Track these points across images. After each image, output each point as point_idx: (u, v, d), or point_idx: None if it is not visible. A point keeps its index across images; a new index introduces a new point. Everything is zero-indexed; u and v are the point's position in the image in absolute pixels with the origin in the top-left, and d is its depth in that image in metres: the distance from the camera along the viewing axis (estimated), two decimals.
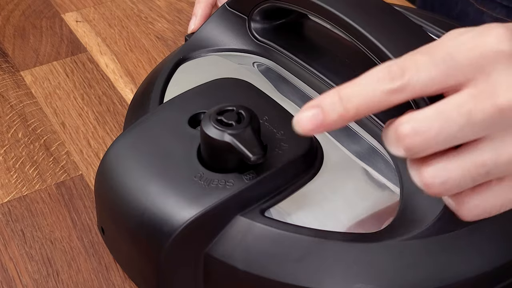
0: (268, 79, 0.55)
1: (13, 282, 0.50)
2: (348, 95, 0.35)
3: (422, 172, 0.36)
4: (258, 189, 0.43)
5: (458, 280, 0.42)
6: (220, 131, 0.42)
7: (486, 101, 0.34)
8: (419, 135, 0.34)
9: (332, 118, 0.35)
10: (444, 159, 0.35)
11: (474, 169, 0.35)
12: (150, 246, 0.44)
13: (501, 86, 0.34)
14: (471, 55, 0.34)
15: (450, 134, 0.34)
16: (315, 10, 0.52)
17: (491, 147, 0.35)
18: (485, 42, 0.34)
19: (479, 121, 0.34)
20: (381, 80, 0.34)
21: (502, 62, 0.34)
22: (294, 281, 0.41)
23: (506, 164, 0.35)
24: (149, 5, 0.76)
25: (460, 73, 0.34)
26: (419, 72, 0.34)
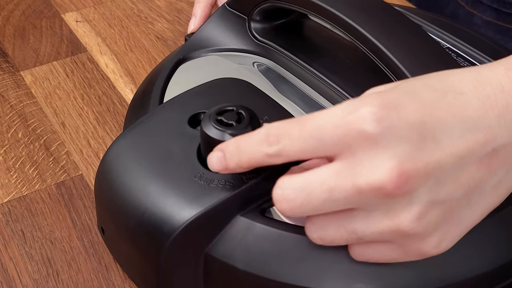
0: (268, 79, 0.55)
1: (13, 282, 0.50)
2: (241, 149, 0.39)
3: (306, 226, 0.39)
4: (258, 189, 0.43)
5: (458, 280, 0.42)
6: (220, 131, 0.42)
7: (346, 180, 0.35)
8: (287, 203, 0.37)
9: (232, 166, 0.39)
10: (323, 220, 0.38)
11: (346, 234, 0.37)
12: (150, 246, 0.44)
13: (362, 167, 0.35)
14: (337, 133, 0.35)
15: (314, 206, 0.36)
16: (315, 10, 0.52)
17: (361, 217, 0.37)
18: (352, 121, 0.35)
19: (340, 198, 0.35)
20: (261, 144, 0.37)
21: (366, 142, 0.35)
22: (294, 281, 0.41)
23: (375, 234, 0.37)
24: (149, 5, 0.76)
25: (326, 149, 0.36)
26: (291, 143, 0.36)
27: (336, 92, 0.53)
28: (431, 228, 0.36)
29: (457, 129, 0.36)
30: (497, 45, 0.59)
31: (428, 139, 0.35)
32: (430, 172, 0.35)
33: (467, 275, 0.42)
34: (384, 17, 0.50)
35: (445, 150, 0.35)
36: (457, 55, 0.56)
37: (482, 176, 0.36)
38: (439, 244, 0.37)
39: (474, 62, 0.56)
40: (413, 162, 0.34)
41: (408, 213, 0.35)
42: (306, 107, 0.52)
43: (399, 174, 0.34)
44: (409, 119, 0.35)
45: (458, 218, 0.37)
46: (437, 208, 0.36)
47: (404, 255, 0.38)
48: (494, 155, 0.36)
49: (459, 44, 0.57)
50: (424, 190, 0.35)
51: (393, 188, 0.34)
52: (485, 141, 0.36)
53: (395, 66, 0.46)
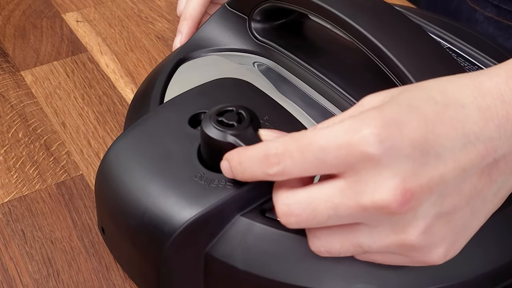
0: (268, 79, 0.55)
1: (14, 282, 0.50)
2: (243, 167, 0.39)
3: (310, 240, 0.39)
4: (258, 189, 0.43)
5: (458, 280, 0.42)
6: (222, 132, 0.42)
7: (351, 199, 0.35)
8: (293, 217, 0.37)
9: (238, 178, 0.40)
10: (327, 233, 0.38)
11: (352, 247, 0.38)
12: (151, 246, 0.44)
13: (366, 186, 0.35)
14: (340, 154, 0.35)
15: (319, 221, 0.37)
16: (315, 10, 0.52)
17: (366, 232, 0.37)
18: (355, 141, 0.35)
19: (345, 215, 0.36)
20: (261, 164, 0.38)
21: (369, 163, 0.35)
22: (294, 281, 0.41)
23: (381, 248, 0.37)
24: (149, 5, 0.76)
25: (329, 169, 0.36)
26: (292, 164, 0.36)
27: (336, 92, 0.53)
28: (438, 240, 0.37)
29: (459, 143, 0.36)
30: (498, 45, 0.59)
31: (431, 155, 0.35)
32: (434, 187, 0.35)
33: (468, 275, 0.42)
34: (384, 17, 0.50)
35: (447, 165, 0.35)
36: (458, 55, 0.56)
37: (484, 185, 0.37)
38: (446, 254, 0.38)
39: (475, 62, 0.56)
40: (416, 179, 0.35)
41: (414, 228, 0.36)
42: (306, 107, 0.52)
43: (403, 192, 0.35)
44: (411, 137, 0.35)
45: (463, 227, 0.38)
46: (442, 220, 0.36)
47: (411, 263, 0.38)
48: (495, 165, 0.37)
49: (460, 44, 0.57)
50: (428, 205, 0.35)
51: (397, 207, 0.35)
52: (486, 152, 0.36)
53: (395, 66, 0.46)
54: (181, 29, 0.65)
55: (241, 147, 0.40)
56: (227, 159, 0.40)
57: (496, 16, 0.76)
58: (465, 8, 0.80)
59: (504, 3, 0.75)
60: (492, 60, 0.56)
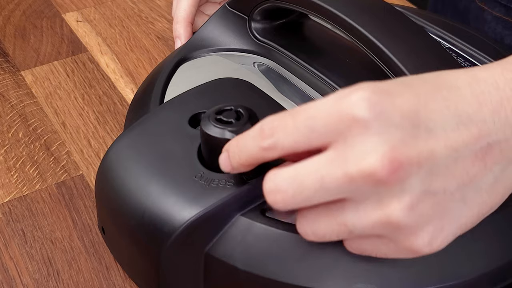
0: (269, 79, 0.55)
1: (14, 282, 0.50)
2: (240, 147, 0.39)
3: (297, 221, 0.38)
4: (258, 188, 0.43)
5: (458, 280, 0.42)
6: (220, 129, 0.42)
7: (338, 168, 0.35)
8: (279, 194, 0.36)
9: (235, 165, 0.39)
10: (314, 213, 0.37)
11: (337, 227, 0.37)
12: (151, 246, 0.44)
13: (354, 154, 0.34)
14: (329, 121, 0.35)
15: (306, 196, 0.36)
16: (316, 10, 0.52)
17: (352, 209, 0.36)
18: (344, 107, 0.35)
19: (332, 187, 0.35)
20: (256, 138, 0.37)
21: (357, 128, 0.34)
22: (294, 281, 0.41)
23: (365, 228, 0.36)
24: (149, 5, 0.76)
25: (320, 137, 0.35)
26: (285, 135, 0.36)
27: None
28: (423, 221, 0.36)
29: (451, 122, 0.35)
30: (498, 45, 0.59)
31: (422, 128, 0.35)
32: (423, 161, 0.34)
33: (467, 275, 0.42)
34: (384, 17, 0.50)
35: (439, 141, 0.35)
36: (458, 55, 0.56)
37: (477, 171, 0.36)
38: (432, 241, 0.36)
39: (475, 62, 0.56)
40: (405, 150, 0.34)
41: (399, 202, 0.35)
42: None
43: (390, 160, 0.34)
44: (402, 107, 0.35)
45: (452, 214, 0.36)
46: (429, 199, 0.35)
47: (397, 252, 0.37)
48: (489, 150, 0.36)
49: (460, 44, 0.57)
50: (416, 180, 0.34)
51: (384, 175, 0.34)
52: (480, 135, 0.36)
53: (395, 66, 0.46)
54: (177, 33, 0.66)
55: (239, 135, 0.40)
56: (225, 149, 0.40)
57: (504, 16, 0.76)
58: (473, 7, 0.80)
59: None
60: (492, 60, 0.56)
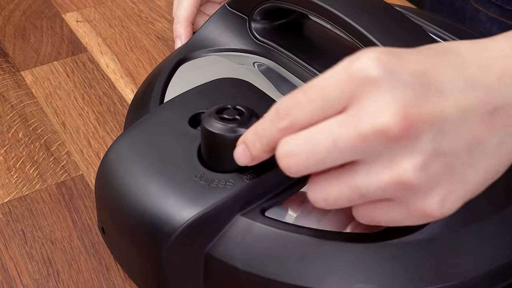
0: (269, 79, 0.55)
1: (14, 282, 0.50)
2: (259, 134, 0.39)
3: (308, 188, 0.38)
4: (258, 189, 0.43)
5: (458, 280, 0.42)
6: (228, 127, 0.42)
7: (350, 127, 0.35)
8: (292, 158, 0.36)
9: (255, 153, 0.39)
10: (325, 178, 0.37)
11: (348, 190, 0.37)
12: (151, 246, 0.44)
13: (367, 113, 0.35)
14: (341, 86, 0.35)
15: (319, 158, 0.36)
16: (315, 10, 0.52)
17: (364, 171, 0.36)
18: (354, 69, 0.35)
19: (345, 147, 0.35)
20: (273, 121, 0.38)
21: (369, 87, 0.35)
22: (294, 281, 0.41)
23: (377, 189, 0.36)
24: (149, 5, 0.76)
25: (334, 105, 0.36)
26: (300, 111, 0.36)
27: None
28: (434, 182, 0.36)
29: (459, 84, 0.36)
30: None
31: (431, 88, 0.35)
32: (434, 120, 0.35)
33: (467, 275, 0.42)
34: (384, 17, 0.50)
35: (448, 101, 0.35)
36: None
37: (484, 134, 0.36)
38: (443, 202, 0.36)
39: None
40: (417, 107, 0.34)
41: (411, 161, 0.35)
42: None
43: (403, 117, 0.34)
44: (412, 67, 0.35)
45: (461, 176, 0.37)
46: (440, 159, 0.35)
47: (408, 215, 0.37)
48: (496, 114, 0.36)
49: None
50: (427, 138, 0.35)
51: (397, 131, 0.34)
52: (486, 99, 0.36)
53: None
54: (177, 33, 0.66)
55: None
56: (242, 141, 0.40)
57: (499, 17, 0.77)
58: (468, 8, 0.80)
59: (507, 3, 0.75)
60: None
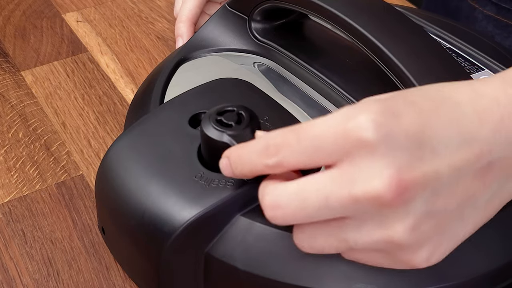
0: (269, 79, 0.55)
1: (14, 282, 0.50)
2: (242, 160, 0.38)
3: (294, 234, 0.38)
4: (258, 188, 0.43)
5: (459, 280, 0.42)
6: (219, 132, 0.42)
7: (343, 188, 0.35)
8: (279, 210, 0.36)
9: (237, 174, 0.39)
10: (313, 228, 0.37)
11: (337, 243, 0.37)
12: (151, 246, 0.44)
13: (360, 175, 0.34)
14: (335, 141, 0.35)
15: (308, 213, 0.35)
16: (316, 10, 0.52)
17: (353, 227, 0.36)
18: (350, 128, 0.35)
19: (336, 206, 0.35)
20: (260, 155, 0.37)
21: (364, 150, 0.34)
22: (294, 281, 0.41)
23: (367, 244, 0.36)
24: (149, 5, 0.76)
25: (325, 157, 0.35)
26: (290, 153, 0.36)
27: (337, 92, 0.53)
28: (423, 240, 0.36)
29: (454, 140, 0.35)
30: (497, 45, 0.59)
31: (427, 148, 0.35)
32: (428, 182, 0.35)
33: (467, 275, 0.42)
34: (384, 17, 0.50)
35: (443, 161, 0.35)
36: (458, 55, 0.56)
37: (476, 190, 0.36)
38: (430, 257, 0.37)
39: (475, 62, 0.56)
40: (411, 171, 0.34)
41: (402, 224, 0.35)
42: (306, 107, 0.52)
43: (397, 183, 0.34)
44: (408, 128, 0.35)
45: (450, 231, 0.37)
46: (431, 219, 0.36)
47: (393, 264, 0.38)
48: (489, 169, 0.36)
49: (460, 44, 0.57)
50: (420, 201, 0.35)
51: (390, 198, 0.34)
52: (481, 154, 0.36)
53: (395, 66, 0.46)
54: (179, 32, 0.66)
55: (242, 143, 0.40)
56: (226, 156, 0.40)
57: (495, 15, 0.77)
58: (464, 6, 0.80)
59: (503, 1, 0.75)
60: (491, 60, 0.56)
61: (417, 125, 0.35)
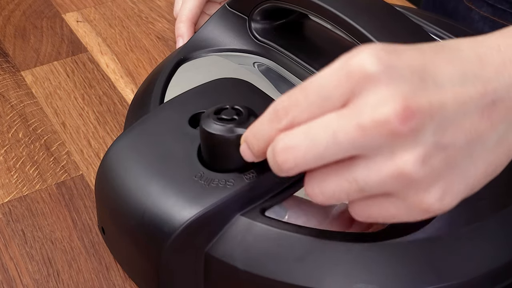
0: (269, 79, 0.55)
1: (14, 282, 0.50)
2: (257, 135, 0.39)
3: (305, 182, 0.38)
4: (258, 188, 0.43)
5: (458, 280, 0.42)
6: (227, 128, 0.42)
7: (350, 120, 0.35)
8: (290, 152, 0.36)
9: (256, 154, 0.39)
10: (323, 172, 0.37)
11: (347, 184, 0.36)
12: (151, 246, 0.44)
13: (367, 106, 0.34)
14: (340, 83, 0.35)
15: (318, 152, 0.35)
16: (315, 10, 0.52)
17: (363, 165, 0.36)
18: (352, 66, 0.35)
19: (344, 140, 0.35)
20: (272, 121, 0.37)
21: (368, 83, 0.35)
22: (294, 281, 0.41)
23: (376, 183, 0.36)
24: (149, 5, 0.76)
25: (333, 102, 0.35)
26: (300, 110, 0.36)
27: None
28: (434, 175, 0.36)
29: (457, 77, 0.36)
30: None
31: (430, 82, 0.35)
32: (434, 112, 0.35)
33: (467, 275, 0.42)
34: (384, 17, 0.50)
35: (447, 94, 0.35)
36: None
37: (484, 129, 0.36)
38: (443, 196, 0.36)
39: None
40: (417, 100, 0.34)
41: (412, 154, 0.35)
42: None
43: (404, 108, 0.34)
44: (410, 62, 0.35)
45: (461, 170, 0.37)
46: (441, 153, 0.35)
47: (407, 210, 0.37)
48: (495, 108, 0.36)
49: None
50: (428, 131, 0.35)
51: (398, 123, 0.34)
52: (485, 91, 0.36)
53: None
54: (180, 32, 0.66)
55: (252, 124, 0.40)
56: (243, 140, 0.40)
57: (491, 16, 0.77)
58: (461, 7, 0.80)
59: (499, 2, 0.76)
60: None
61: (419, 60, 0.35)
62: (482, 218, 0.44)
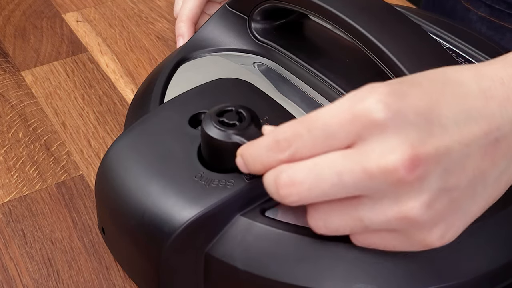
0: (269, 79, 0.55)
1: (14, 282, 0.50)
2: (254, 158, 0.39)
3: (308, 214, 0.38)
4: (258, 189, 0.43)
5: (458, 280, 0.42)
6: (225, 133, 0.42)
7: (356, 164, 0.35)
8: (294, 187, 0.36)
9: (252, 172, 0.39)
10: (327, 207, 0.37)
11: (352, 222, 0.37)
12: (151, 246, 0.44)
13: (374, 152, 0.35)
14: (347, 126, 0.35)
15: (322, 190, 0.36)
16: (316, 10, 0.52)
17: (369, 205, 0.36)
18: (359, 111, 0.35)
19: (349, 181, 0.35)
20: (272, 150, 0.37)
21: (375, 130, 0.35)
22: (294, 281, 0.41)
23: (381, 222, 0.36)
24: (149, 5, 0.76)
25: (338, 140, 0.36)
26: (303, 144, 0.36)
27: (336, 92, 0.53)
28: (438, 218, 0.36)
29: (462, 116, 0.36)
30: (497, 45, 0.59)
31: (436, 125, 0.35)
32: (440, 157, 0.35)
33: (467, 275, 0.42)
34: (384, 17, 0.50)
35: (452, 137, 0.35)
36: (457, 55, 0.56)
37: (486, 167, 0.37)
38: (444, 235, 0.37)
39: (474, 62, 0.56)
40: (424, 147, 0.35)
41: (417, 200, 0.35)
42: (306, 107, 0.52)
43: (411, 157, 0.34)
44: (416, 105, 0.35)
45: (463, 209, 0.37)
46: (445, 197, 0.36)
47: (407, 245, 0.38)
48: (497, 145, 0.37)
49: (459, 44, 0.57)
50: (433, 177, 0.35)
51: (405, 172, 0.34)
52: (489, 129, 0.36)
53: (395, 66, 0.47)
54: (180, 32, 0.66)
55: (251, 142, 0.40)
56: (239, 154, 0.40)
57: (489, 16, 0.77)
58: (459, 8, 0.80)
59: (497, 3, 0.76)
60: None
61: (424, 103, 0.35)
62: (482, 218, 0.44)
